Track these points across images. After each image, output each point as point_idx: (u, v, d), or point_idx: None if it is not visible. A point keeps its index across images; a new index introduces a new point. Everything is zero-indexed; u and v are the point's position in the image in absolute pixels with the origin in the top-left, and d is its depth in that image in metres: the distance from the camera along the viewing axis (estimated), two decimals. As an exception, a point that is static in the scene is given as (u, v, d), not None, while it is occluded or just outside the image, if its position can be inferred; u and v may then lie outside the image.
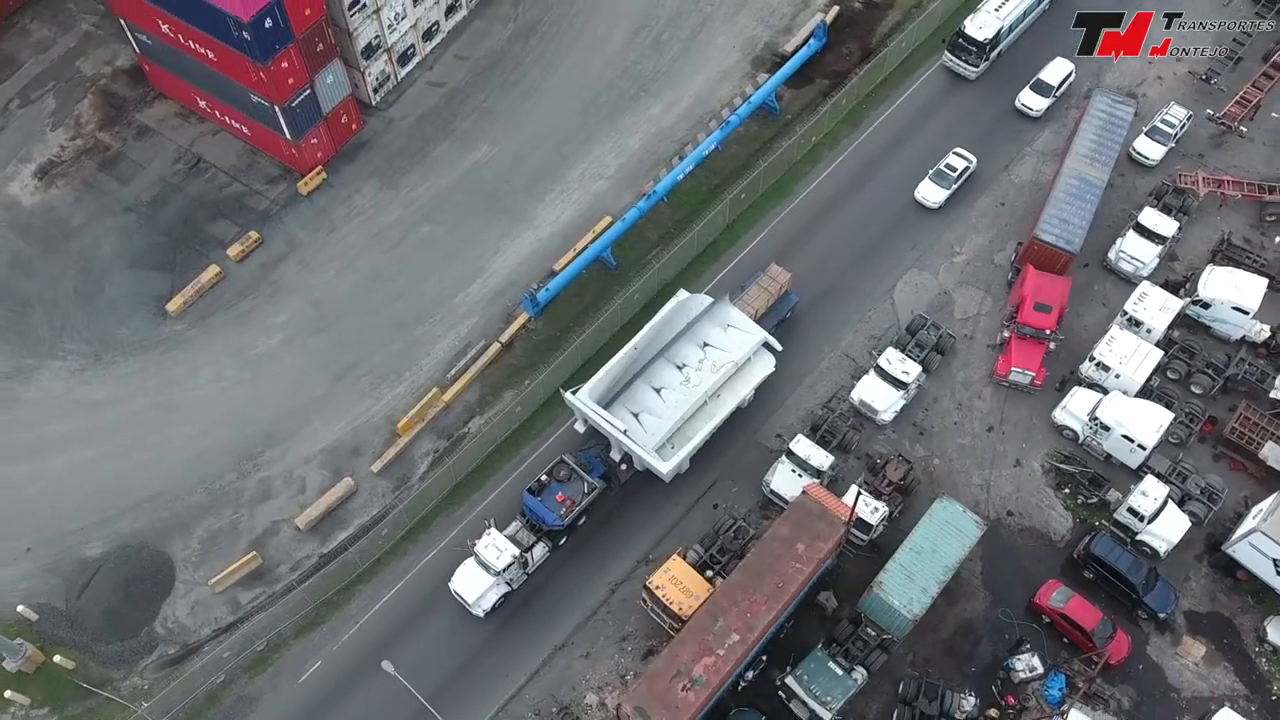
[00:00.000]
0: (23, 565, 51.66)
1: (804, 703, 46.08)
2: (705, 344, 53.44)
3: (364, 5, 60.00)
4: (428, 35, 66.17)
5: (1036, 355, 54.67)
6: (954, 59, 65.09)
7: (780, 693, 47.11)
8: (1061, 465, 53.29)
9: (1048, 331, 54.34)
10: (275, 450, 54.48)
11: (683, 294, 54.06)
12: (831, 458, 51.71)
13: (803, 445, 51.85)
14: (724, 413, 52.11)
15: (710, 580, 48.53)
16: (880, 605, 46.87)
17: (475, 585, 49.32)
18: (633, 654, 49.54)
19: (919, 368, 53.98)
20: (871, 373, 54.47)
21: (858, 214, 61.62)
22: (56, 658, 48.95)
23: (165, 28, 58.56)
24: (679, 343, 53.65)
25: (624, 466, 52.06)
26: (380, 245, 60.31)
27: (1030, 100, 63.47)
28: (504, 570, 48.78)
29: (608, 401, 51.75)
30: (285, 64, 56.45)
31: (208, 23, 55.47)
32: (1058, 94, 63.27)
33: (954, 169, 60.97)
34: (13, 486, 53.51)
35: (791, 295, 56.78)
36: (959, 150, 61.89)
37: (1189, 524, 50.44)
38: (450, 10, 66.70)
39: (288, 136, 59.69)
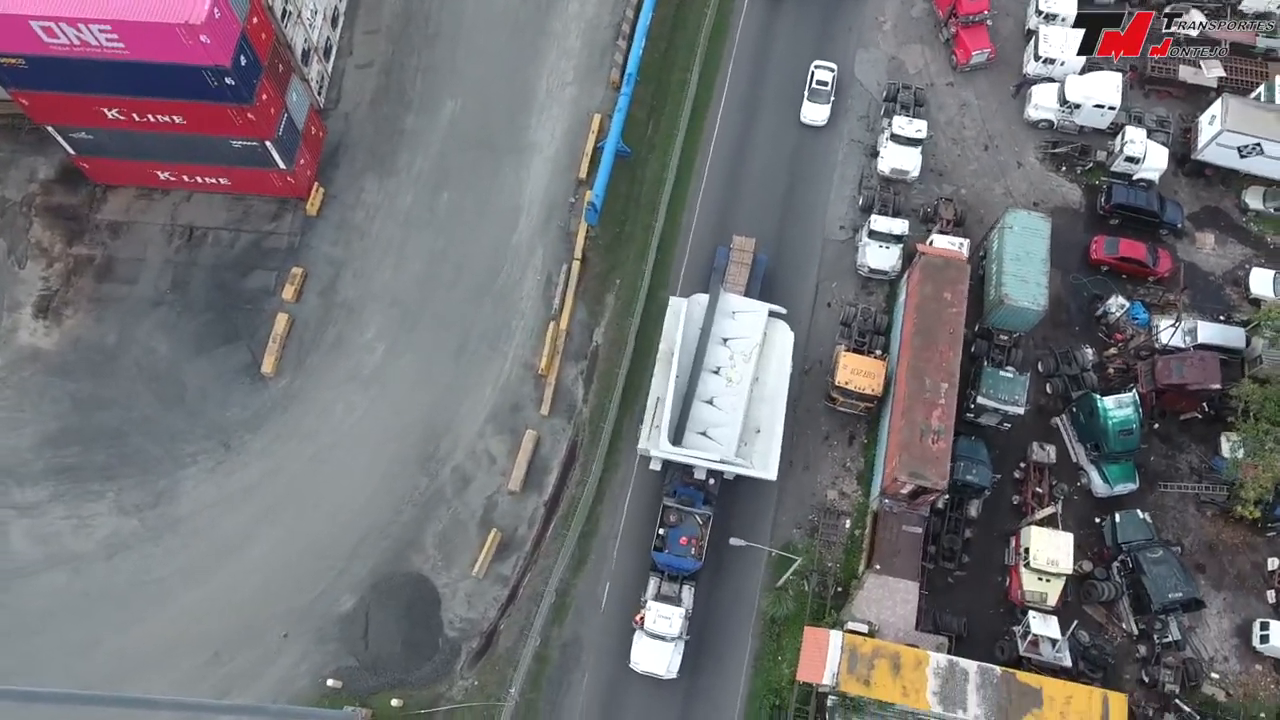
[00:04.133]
0: (293, 650, 49.09)
1: (996, 410, 51.27)
2: (725, 339, 51.12)
3: (289, 12, 54.91)
4: (334, 22, 61.20)
5: (983, 35, 60.40)
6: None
7: (970, 414, 51.98)
8: (1054, 151, 59.37)
9: (984, 12, 60.06)
10: (446, 442, 52.92)
11: (675, 301, 51.97)
12: (905, 221, 55.56)
13: (879, 221, 55.30)
14: (782, 396, 50.13)
15: (880, 358, 52.28)
16: (1012, 312, 51.91)
17: (658, 657, 47.58)
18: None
19: (923, 121, 57.93)
20: (889, 142, 57.93)
21: (765, 150, 59.55)
22: (394, 701, 47.72)
23: (113, 113, 51.77)
24: (701, 349, 50.56)
25: (711, 482, 50.03)
26: (415, 227, 57.38)
27: None
28: (680, 634, 47.73)
29: (677, 438, 48.69)
30: (265, 96, 51.43)
31: (178, 87, 49.35)
32: None
33: (825, 83, 59.73)
34: (228, 594, 49.99)
35: (760, 258, 54.97)
36: (819, 64, 60.53)
37: (1166, 151, 57.98)
38: (340, -11, 61.75)
39: (282, 166, 54.81)
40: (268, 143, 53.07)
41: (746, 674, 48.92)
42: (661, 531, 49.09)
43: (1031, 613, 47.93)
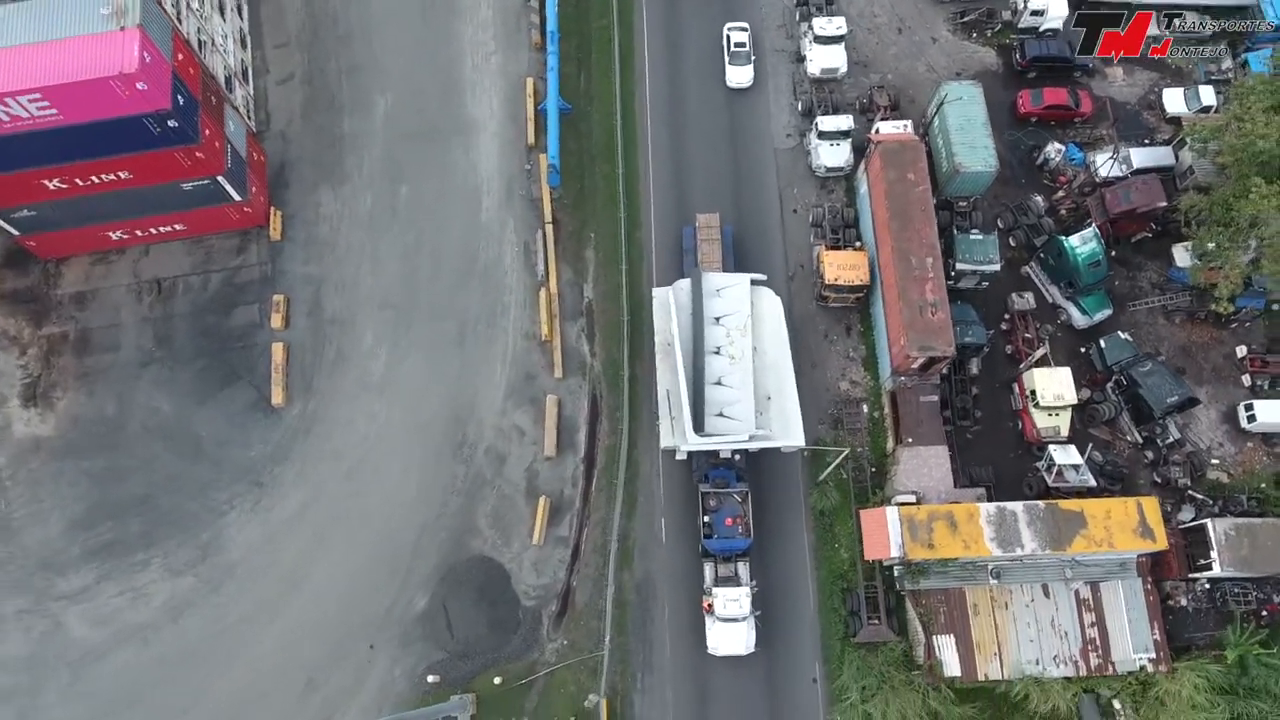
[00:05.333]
0: (383, 658, 49.01)
1: (975, 272, 53.27)
2: (717, 318, 50.30)
3: (203, 41, 52.47)
4: (244, 44, 58.65)
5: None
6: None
7: (950, 281, 53.67)
8: (962, 20, 60.82)
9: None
10: (472, 427, 52.70)
11: (658, 292, 51.32)
12: (849, 115, 56.57)
13: (826, 121, 56.19)
14: (786, 359, 49.60)
15: (857, 247, 53.65)
16: (967, 178, 53.51)
17: (735, 639, 47.52)
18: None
19: (841, 18, 58.63)
20: (813, 44, 58.51)
21: (703, 156, 58.07)
22: (495, 679, 48.25)
23: (55, 184, 49.12)
24: (699, 333, 49.68)
25: (737, 456, 49.80)
26: (382, 228, 56.15)
27: None
28: (751, 611, 47.84)
29: (700, 423, 47.74)
30: (208, 131, 49.36)
31: (121, 142, 46.99)
32: None
33: (742, 44, 58.69)
34: (303, 623, 49.45)
35: (726, 229, 54.22)
36: (732, 25, 59.47)
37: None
38: (238, 8, 58.94)
39: (237, 198, 52.88)
40: (219, 178, 51.09)
41: (810, 567, 50.62)
42: (706, 519, 48.69)
43: (1051, 446, 50.59)
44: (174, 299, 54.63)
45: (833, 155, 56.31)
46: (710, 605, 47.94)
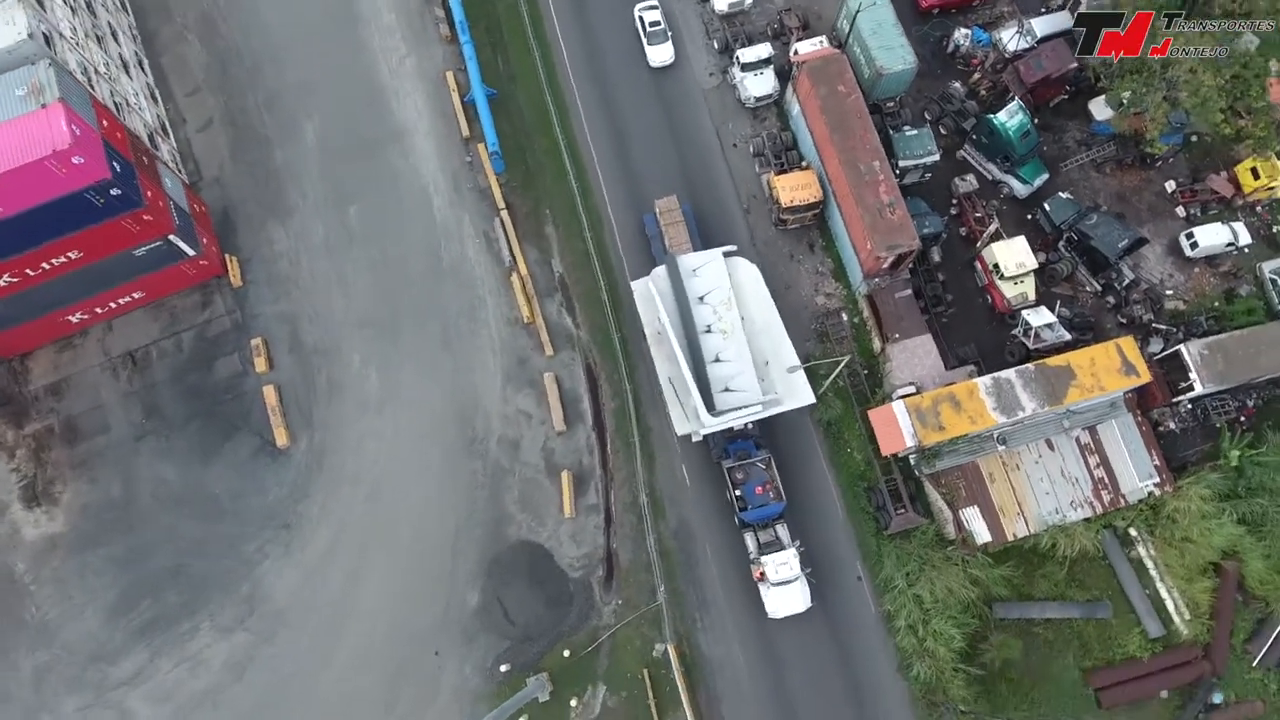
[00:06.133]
0: (451, 660, 49.25)
1: (917, 166, 54.56)
2: (700, 298, 49.77)
3: (119, 104, 50.58)
4: (154, 98, 56.61)
5: None
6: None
7: (896, 177, 54.82)
8: (847, -72, 61.50)
9: None
10: (479, 421, 52.63)
11: (637, 285, 50.69)
12: (769, 48, 57.05)
13: (747, 53, 56.63)
14: (776, 323, 49.60)
15: (804, 167, 54.54)
16: (891, 79, 54.44)
17: (792, 599, 48.33)
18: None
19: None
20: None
21: (635, 112, 57.59)
22: (564, 653, 48.92)
23: (4, 280, 47.19)
24: (687, 315, 49.37)
25: (750, 425, 50.07)
26: (341, 250, 55.20)
27: None
28: (802, 570, 48.61)
29: (710, 402, 47.42)
30: (149, 193, 47.79)
31: (66, 222, 45.26)
32: None
33: (657, 23, 58.12)
34: (365, 649, 49.36)
35: (685, 207, 53.94)
36: (642, 6, 58.67)
37: None
38: (140, 64, 56.78)
39: (191, 253, 51.46)
40: (170, 237, 49.59)
41: (830, 476, 52.01)
42: (737, 493, 49.06)
43: (1023, 312, 52.55)
44: (151, 367, 53.17)
45: (759, 85, 56.84)
46: (761, 574, 48.51)
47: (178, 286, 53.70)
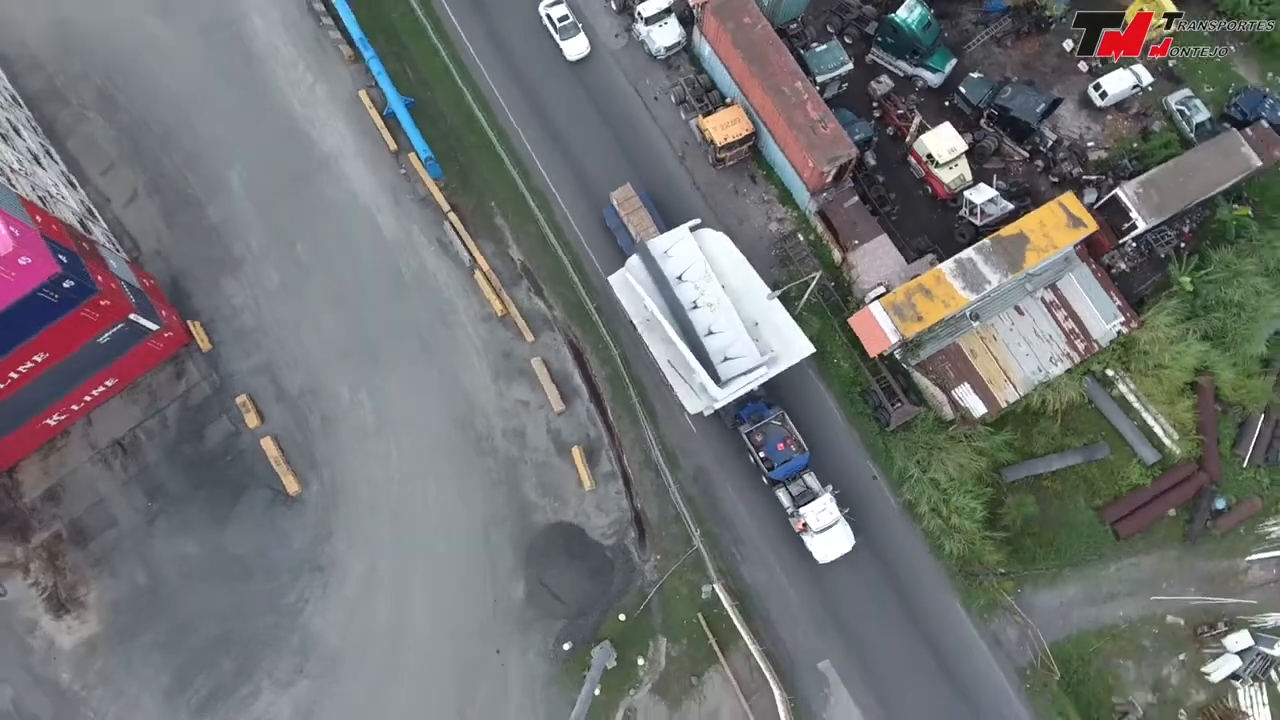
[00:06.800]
0: (513, 653, 49.68)
1: (834, 78, 55.43)
2: (679, 277, 49.67)
3: (42, 197, 48.94)
4: (73, 184, 54.77)
5: None
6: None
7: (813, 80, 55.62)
8: None
9: None
10: (479, 420, 52.64)
11: (614, 278, 50.30)
12: (668, -3, 57.40)
13: (647, 6, 56.76)
14: (756, 284, 49.54)
15: (728, 104, 55.09)
16: (790, 2, 55.26)
17: (837, 541, 49.18)
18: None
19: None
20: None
21: (558, 98, 57.35)
22: (621, 616, 49.73)
23: (-23, 397, 45.82)
24: (671, 297, 49.28)
25: (757, 388, 50.00)
26: (300, 289, 54.40)
27: None
28: (842, 511, 49.37)
29: (715, 375, 47.60)
30: (99, 276, 46.56)
31: (25, 325, 44.07)
32: None
33: (566, 17, 57.68)
34: (426, 666, 49.40)
35: (641, 193, 53.53)
36: (547, 4, 58.10)
37: None
38: (49, 153, 54.82)
39: (154, 327, 50.29)
40: (131, 316, 48.42)
41: (823, 387, 53.23)
42: (762, 455, 49.63)
43: (965, 193, 54.08)
44: (142, 450, 52.06)
45: (665, 35, 57.08)
46: (804, 524, 49.21)
47: (148, 364, 52.48)
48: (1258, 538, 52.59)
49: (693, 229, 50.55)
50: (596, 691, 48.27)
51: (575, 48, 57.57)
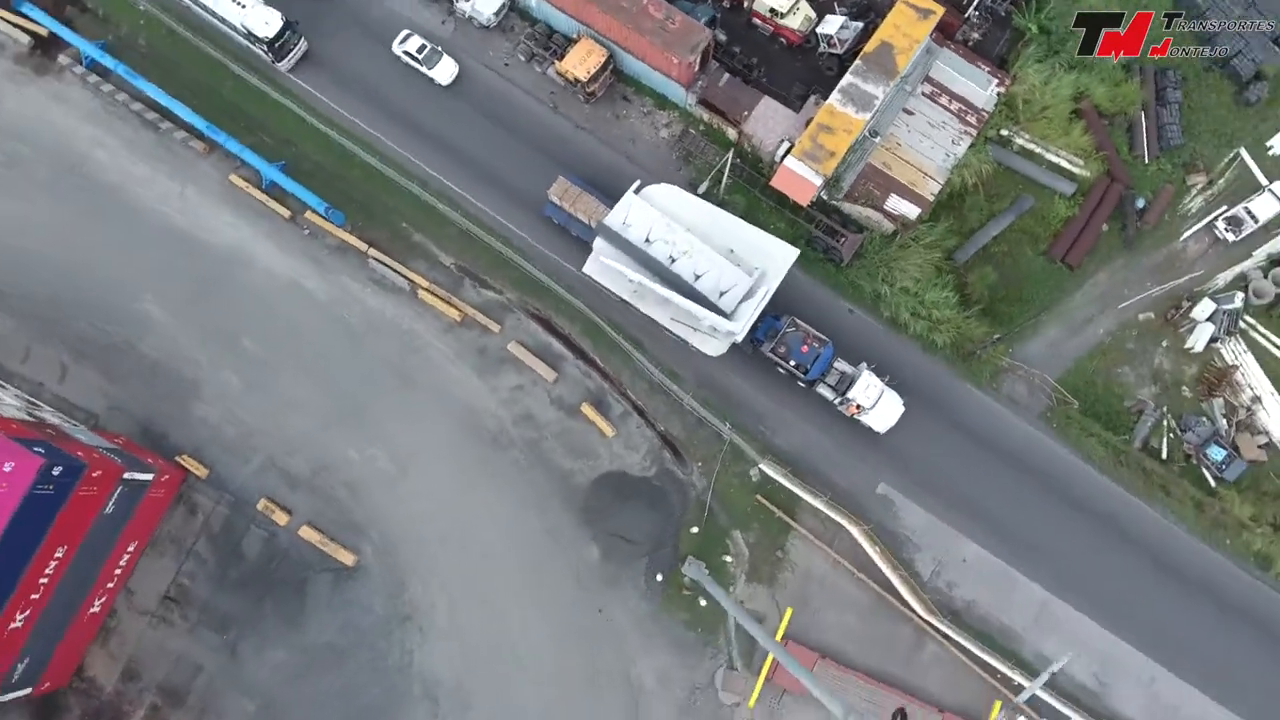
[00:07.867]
0: (614, 606, 51.08)
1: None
2: (647, 240, 49.60)
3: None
4: (-3, 383, 52.45)
5: None
6: None
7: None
8: None
9: None
10: (486, 420, 52.94)
11: (589, 266, 50.30)
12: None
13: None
14: (719, 215, 50.18)
15: (576, 40, 55.19)
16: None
17: (890, 409, 50.00)
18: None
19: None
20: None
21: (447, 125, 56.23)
22: (694, 529, 51.49)
23: (19, 620, 44.31)
24: (648, 261, 49.49)
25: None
26: (266, 377, 53.13)
27: None
28: (883, 379, 50.15)
29: (721, 312, 48.55)
30: (80, 451, 45.17)
31: (34, 528, 42.99)
32: None
33: (424, 46, 55.76)
34: (541, 660, 50.51)
35: (573, 176, 52.95)
36: (398, 41, 56.10)
37: None
38: (-40, 366, 52.26)
39: (149, 476, 48.97)
40: (125, 475, 47.29)
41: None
42: (792, 364, 50.04)
43: (817, 30, 55.52)
44: (191, 594, 51.18)
45: (488, 2, 56.51)
46: (856, 407, 49.97)
47: (159, 514, 51.27)
48: (1182, 217, 56.51)
49: (637, 190, 50.32)
50: (727, 592, 49.68)
51: (444, 72, 55.83)
